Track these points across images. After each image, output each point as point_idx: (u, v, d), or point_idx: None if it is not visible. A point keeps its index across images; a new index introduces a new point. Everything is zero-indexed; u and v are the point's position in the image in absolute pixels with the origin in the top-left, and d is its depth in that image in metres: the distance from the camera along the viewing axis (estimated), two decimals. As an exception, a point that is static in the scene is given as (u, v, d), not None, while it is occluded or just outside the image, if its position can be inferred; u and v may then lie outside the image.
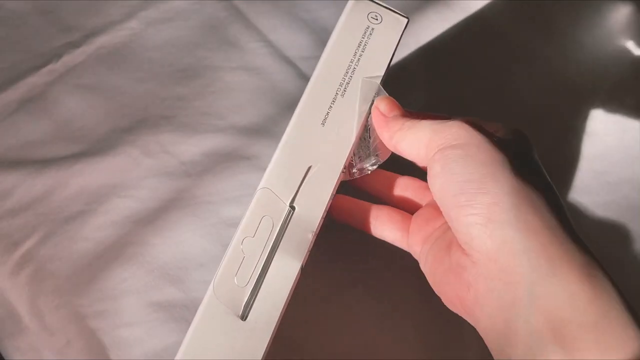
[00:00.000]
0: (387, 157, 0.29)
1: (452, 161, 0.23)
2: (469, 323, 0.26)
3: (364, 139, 0.29)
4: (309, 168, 0.27)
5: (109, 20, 0.49)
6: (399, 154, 0.28)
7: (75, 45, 0.48)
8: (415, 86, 0.47)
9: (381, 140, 0.28)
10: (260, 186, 0.27)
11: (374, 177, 0.32)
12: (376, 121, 0.28)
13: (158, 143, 0.44)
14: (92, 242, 0.40)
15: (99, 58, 0.47)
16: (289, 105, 0.46)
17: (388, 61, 0.30)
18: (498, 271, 0.21)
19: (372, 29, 0.31)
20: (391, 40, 0.30)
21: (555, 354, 0.19)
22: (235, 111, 0.46)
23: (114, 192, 0.42)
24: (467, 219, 0.22)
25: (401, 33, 0.30)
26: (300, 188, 0.27)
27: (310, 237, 0.25)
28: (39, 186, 0.42)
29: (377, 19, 0.31)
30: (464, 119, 0.25)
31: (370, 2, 0.31)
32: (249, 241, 0.26)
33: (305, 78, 0.47)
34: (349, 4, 0.31)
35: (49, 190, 0.42)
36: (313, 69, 0.49)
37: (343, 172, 0.27)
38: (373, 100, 0.29)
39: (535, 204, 0.21)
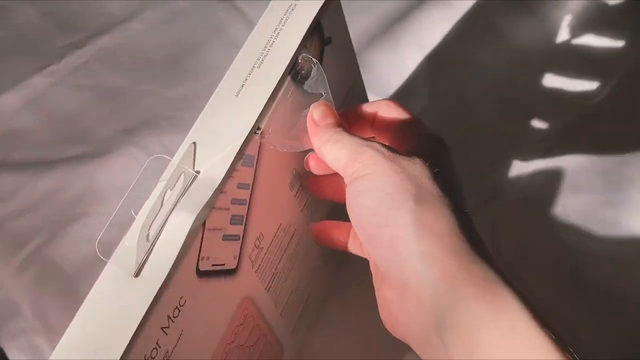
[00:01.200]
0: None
1: (360, 194, 0.24)
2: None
3: (293, 117, 0.28)
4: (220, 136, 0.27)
5: (111, 21, 0.49)
6: None
7: (77, 46, 0.48)
8: (417, 84, 0.47)
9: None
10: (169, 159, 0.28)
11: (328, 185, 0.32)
12: (309, 127, 0.28)
13: (161, 144, 0.44)
14: (96, 243, 0.40)
15: (101, 59, 0.47)
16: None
17: (302, 34, 0.29)
18: (411, 300, 0.22)
19: (295, 5, 0.30)
20: (309, 14, 0.30)
21: None
22: (238, 112, 0.46)
23: (117, 193, 0.42)
24: (377, 253, 0.24)
25: (319, 8, 0.30)
26: (203, 154, 0.27)
27: (210, 193, 0.25)
28: (42, 187, 0.42)
29: None
30: (375, 144, 0.25)
31: None
32: (145, 204, 0.27)
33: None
34: None
35: (52, 192, 0.42)
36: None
37: (257, 134, 0.27)
38: (296, 72, 0.28)
39: (437, 229, 0.22)
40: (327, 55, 0.31)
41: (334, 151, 0.26)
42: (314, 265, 0.35)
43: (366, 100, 0.36)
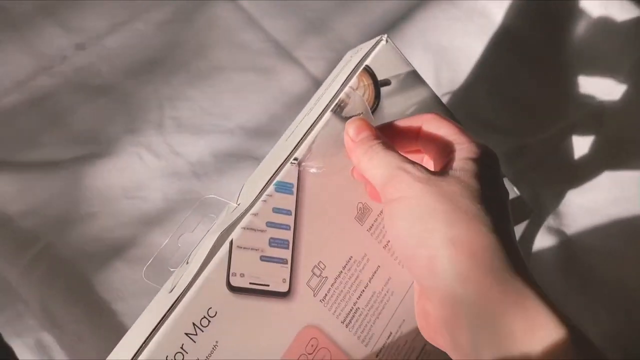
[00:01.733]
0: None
1: (394, 217, 0.25)
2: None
3: (333, 143, 0.31)
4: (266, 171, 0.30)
5: (115, 22, 0.49)
6: None
7: (81, 46, 0.48)
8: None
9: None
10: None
11: None
12: (346, 144, 0.29)
13: (166, 144, 0.44)
14: (102, 244, 0.40)
15: (105, 59, 0.47)
16: (297, 105, 0.46)
17: (345, 78, 0.32)
18: (449, 317, 0.23)
19: (351, 57, 0.34)
20: (357, 61, 0.33)
21: None
22: (243, 112, 0.46)
23: (123, 193, 0.42)
24: (414, 272, 0.25)
25: (364, 53, 0.33)
26: (247, 189, 0.31)
27: (236, 215, 0.28)
28: (48, 188, 0.42)
29: None
30: (409, 165, 0.26)
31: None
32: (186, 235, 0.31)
33: (312, 78, 0.48)
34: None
35: (58, 192, 0.42)
36: (320, 69, 0.49)
37: (293, 164, 0.30)
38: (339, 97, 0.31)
39: (471, 248, 0.23)
40: (394, 96, 0.33)
41: (370, 169, 0.27)
42: None
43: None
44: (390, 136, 0.29)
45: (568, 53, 0.48)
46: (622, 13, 0.48)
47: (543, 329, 0.21)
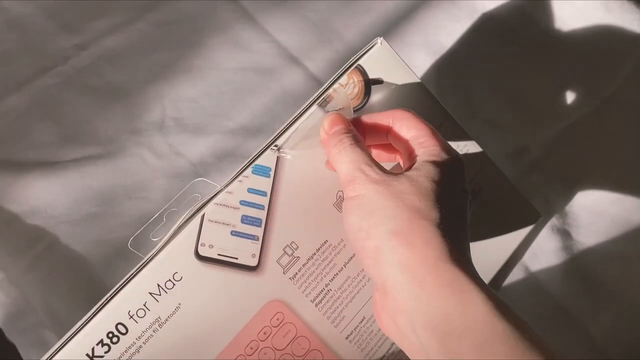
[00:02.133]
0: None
1: (348, 212, 0.28)
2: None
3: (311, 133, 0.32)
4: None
5: (116, 22, 0.49)
6: None
7: (82, 47, 0.48)
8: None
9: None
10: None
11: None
12: (321, 136, 0.31)
13: (168, 144, 0.44)
14: (104, 244, 0.41)
15: (107, 60, 0.47)
16: (297, 105, 0.46)
17: (334, 78, 0.34)
18: (390, 302, 0.26)
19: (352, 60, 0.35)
20: (350, 63, 0.35)
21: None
22: (245, 112, 0.46)
23: (125, 193, 0.42)
24: (363, 262, 0.27)
25: (358, 56, 0.35)
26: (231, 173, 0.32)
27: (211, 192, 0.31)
28: (49, 188, 0.42)
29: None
30: (367, 168, 0.28)
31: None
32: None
33: (313, 78, 0.48)
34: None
35: (60, 193, 0.42)
36: (321, 69, 0.49)
37: (273, 149, 0.32)
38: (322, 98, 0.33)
39: (412, 240, 0.25)
40: (386, 94, 0.35)
41: (338, 163, 0.29)
42: None
43: (464, 133, 0.38)
44: (362, 130, 0.31)
45: (569, 53, 0.48)
46: (622, 13, 0.48)
47: (473, 308, 0.23)
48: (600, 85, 0.47)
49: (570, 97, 0.47)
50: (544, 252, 0.41)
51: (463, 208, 0.28)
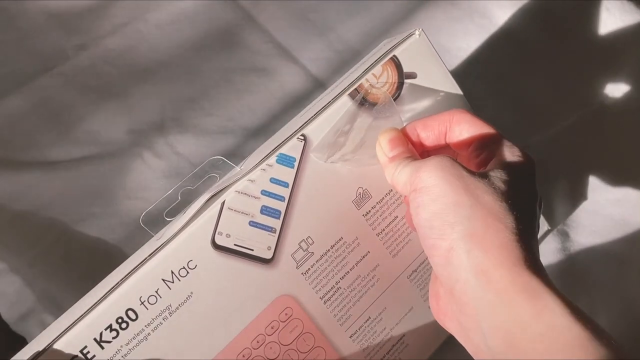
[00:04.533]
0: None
1: (418, 206, 0.26)
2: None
3: (354, 137, 0.31)
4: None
5: (116, 23, 0.49)
6: None
7: (83, 47, 0.48)
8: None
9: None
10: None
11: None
12: (379, 156, 0.30)
13: (168, 144, 0.44)
14: (104, 244, 0.41)
15: (107, 60, 0.47)
16: (298, 105, 0.46)
17: (367, 66, 0.32)
18: (458, 304, 0.25)
19: (380, 47, 0.34)
20: (381, 51, 0.33)
21: None
22: (245, 112, 0.46)
23: (125, 193, 0.42)
24: (433, 260, 0.26)
25: (392, 45, 0.33)
26: (253, 156, 0.31)
27: (232, 178, 0.30)
28: (50, 188, 0.42)
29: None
30: (437, 157, 0.27)
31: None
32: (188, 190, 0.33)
33: (313, 79, 0.48)
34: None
35: (60, 193, 0.42)
36: (321, 69, 0.49)
37: (299, 140, 0.31)
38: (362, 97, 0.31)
39: (487, 243, 0.24)
40: (419, 89, 0.34)
41: (400, 179, 0.28)
42: (407, 303, 0.34)
43: None
44: (417, 137, 0.30)
45: (569, 53, 0.48)
46: (622, 14, 0.48)
47: (549, 314, 0.22)
48: (600, 85, 0.47)
49: (570, 97, 0.47)
50: (543, 252, 0.41)
51: (535, 212, 0.27)
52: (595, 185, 0.43)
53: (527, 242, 0.25)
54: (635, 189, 0.42)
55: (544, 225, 0.39)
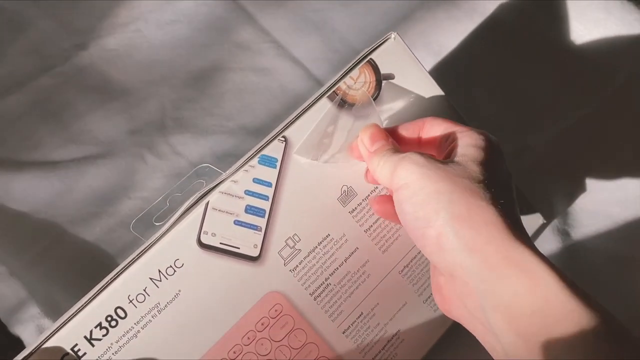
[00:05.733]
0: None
1: (401, 202, 0.27)
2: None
3: (335, 136, 0.32)
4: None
5: (116, 22, 0.49)
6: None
7: (83, 47, 0.48)
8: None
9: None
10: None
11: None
12: (362, 151, 0.31)
13: (168, 144, 0.44)
14: (104, 244, 0.41)
15: (107, 60, 0.47)
16: (298, 105, 0.46)
17: (345, 70, 0.34)
18: (459, 286, 0.26)
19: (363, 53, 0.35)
20: (361, 56, 0.34)
21: (514, 340, 0.23)
22: (245, 112, 0.46)
23: (125, 193, 0.42)
24: (425, 250, 0.27)
25: (370, 49, 0.34)
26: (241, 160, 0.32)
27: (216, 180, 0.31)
28: (50, 188, 0.42)
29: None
30: (412, 154, 0.28)
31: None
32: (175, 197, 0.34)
33: (313, 78, 0.48)
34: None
35: (60, 193, 0.42)
36: (321, 69, 0.49)
37: (280, 141, 0.32)
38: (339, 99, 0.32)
39: (474, 222, 0.25)
40: (397, 89, 0.35)
41: (379, 171, 0.29)
42: (401, 298, 0.34)
43: None
44: (395, 139, 0.31)
45: (569, 53, 0.48)
46: (623, 14, 0.48)
47: (544, 288, 0.23)
48: (600, 85, 0.47)
49: (570, 97, 0.47)
50: (544, 252, 0.41)
51: (511, 188, 0.28)
52: (595, 185, 0.43)
53: (511, 216, 0.25)
54: (635, 189, 0.42)
55: (539, 219, 0.39)
